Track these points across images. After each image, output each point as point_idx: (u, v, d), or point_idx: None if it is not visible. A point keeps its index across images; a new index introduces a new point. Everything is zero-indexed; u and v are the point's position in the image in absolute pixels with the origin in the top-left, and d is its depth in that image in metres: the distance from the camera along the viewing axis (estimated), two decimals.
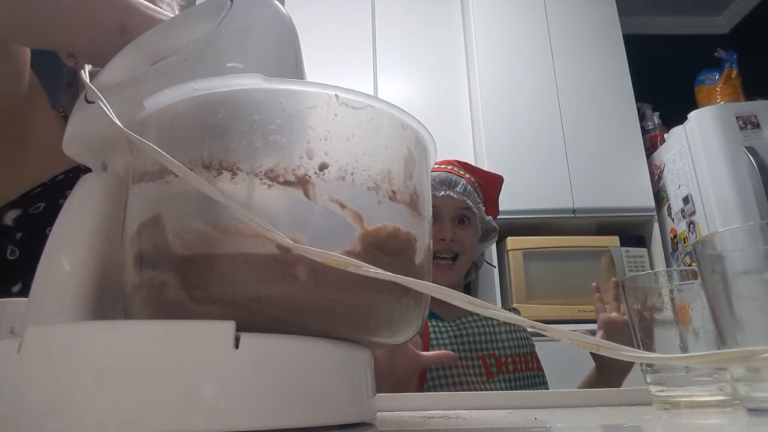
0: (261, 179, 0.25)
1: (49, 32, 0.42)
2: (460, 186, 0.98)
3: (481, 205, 1.02)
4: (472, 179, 1.02)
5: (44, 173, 0.65)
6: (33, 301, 0.27)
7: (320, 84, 0.27)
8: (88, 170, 0.63)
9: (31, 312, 0.27)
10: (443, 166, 1.02)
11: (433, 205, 0.92)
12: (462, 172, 1.02)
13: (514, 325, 1.01)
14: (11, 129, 0.61)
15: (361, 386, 0.27)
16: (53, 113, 0.68)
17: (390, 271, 0.23)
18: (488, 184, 1.06)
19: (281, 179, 0.25)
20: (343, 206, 0.25)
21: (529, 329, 1.02)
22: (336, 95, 0.27)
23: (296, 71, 0.34)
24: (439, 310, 0.98)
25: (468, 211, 0.99)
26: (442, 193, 0.96)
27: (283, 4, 0.35)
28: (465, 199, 0.98)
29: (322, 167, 0.25)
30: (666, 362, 0.38)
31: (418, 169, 0.30)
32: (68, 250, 0.28)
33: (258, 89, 0.26)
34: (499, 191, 1.09)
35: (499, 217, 1.10)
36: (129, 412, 0.20)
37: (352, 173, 0.26)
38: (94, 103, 0.31)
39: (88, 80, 0.33)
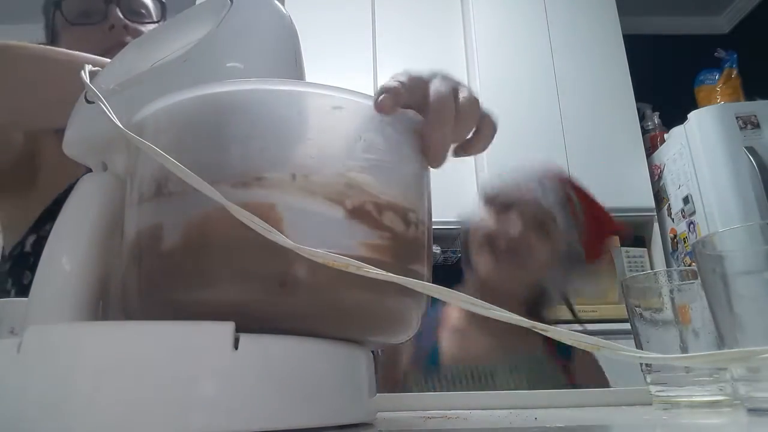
0: (258, 180, 0.25)
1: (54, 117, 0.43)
2: (550, 194, 0.87)
3: (573, 224, 0.88)
4: (577, 205, 0.89)
5: (53, 194, 0.66)
6: (33, 301, 0.27)
7: (319, 85, 0.27)
8: None
9: (31, 312, 0.27)
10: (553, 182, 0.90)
11: (517, 199, 0.86)
12: (566, 192, 0.90)
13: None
14: (22, 167, 0.63)
15: (361, 386, 0.27)
16: (58, 134, 0.69)
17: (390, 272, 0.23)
18: (595, 224, 0.91)
19: (279, 181, 0.25)
20: (343, 209, 0.25)
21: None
22: (335, 96, 0.27)
23: (296, 71, 0.34)
24: (442, 349, 0.90)
25: (550, 220, 0.85)
26: (534, 195, 0.86)
27: (282, 3, 0.35)
28: (554, 209, 0.86)
29: (320, 169, 0.25)
30: (666, 362, 0.38)
31: (419, 173, 0.30)
32: (68, 250, 0.28)
33: (254, 90, 0.26)
34: (605, 241, 0.96)
35: None
36: (129, 412, 0.20)
37: (352, 176, 0.26)
38: (93, 103, 0.31)
39: (88, 80, 0.33)
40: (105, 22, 0.70)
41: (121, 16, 0.70)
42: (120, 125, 0.27)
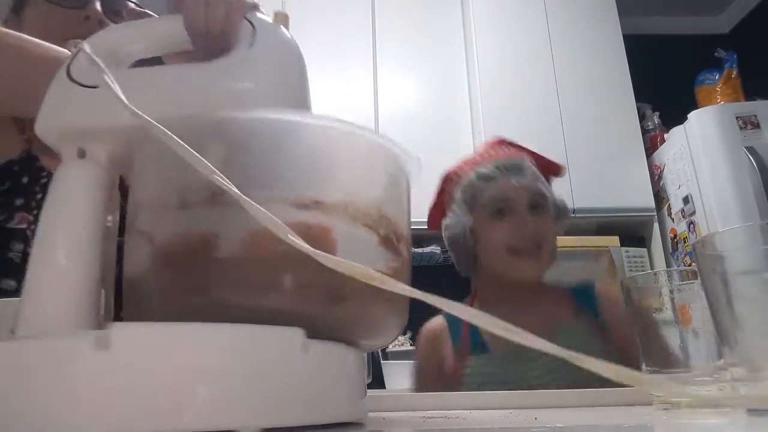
0: (316, 204, 0.27)
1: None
2: (530, 171, 0.87)
3: (551, 186, 0.91)
4: (532, 160, 0.92)
5: None
6: (27, 299, 0.27)
7: (362, 128, 0.29)
8: (23, 163, 0.63)
9: (27, 310, 0.26)
10: (503, 150, 0.91)
11: (506, 198, 0.84)
12: (525, 157, 0.91)
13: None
14: None
15: (352, 387, 0.28)
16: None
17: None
18: (540, 167, 0.93)
19: (334, 206, 0.27)
20: (377, 236, 0.28)
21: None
22: (374, 140, 0.30)
23: (303, 96, 0.35)
24: (487, 336, 0.84)
25: (542, 197, 0.87)
26: (514, 182, 0.85)
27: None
28: (538, 184, 0.87)
29: (363, 199, 0.28)
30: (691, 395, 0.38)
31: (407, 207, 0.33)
32: (61, 243, 0.28)
33: (269, 119, 0.28)
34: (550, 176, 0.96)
35: None
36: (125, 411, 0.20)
37: (383, 208, 0.29)
38: (89, 87, 0.30)
39: (103, 67, 0.29)
40: (81, 10, 0.67)
41: (100, 10, 0.67)
42: (147, 118, 0.25)
